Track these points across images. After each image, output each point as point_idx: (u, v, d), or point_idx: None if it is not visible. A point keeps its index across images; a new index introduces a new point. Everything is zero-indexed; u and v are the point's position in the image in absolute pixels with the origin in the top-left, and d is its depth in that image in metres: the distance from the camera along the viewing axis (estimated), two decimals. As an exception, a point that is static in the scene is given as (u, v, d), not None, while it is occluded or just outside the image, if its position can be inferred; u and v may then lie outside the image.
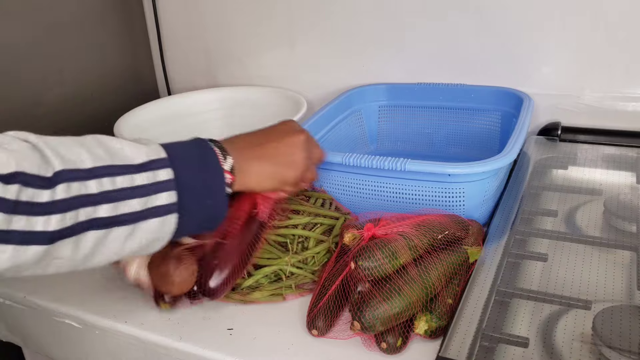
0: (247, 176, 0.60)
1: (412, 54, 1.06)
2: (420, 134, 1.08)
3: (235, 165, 0.58)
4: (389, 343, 0.59)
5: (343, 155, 0.77)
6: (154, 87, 1.35)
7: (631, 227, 0.73)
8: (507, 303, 0.62)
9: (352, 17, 1.08)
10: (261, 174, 0.62)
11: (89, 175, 0.47)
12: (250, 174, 0.60)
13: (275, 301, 0.70)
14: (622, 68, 0.93)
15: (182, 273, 0.62)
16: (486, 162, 0.72)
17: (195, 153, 0.56)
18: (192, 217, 0.54)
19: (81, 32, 1.13)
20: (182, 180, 0.52)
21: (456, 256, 0.66)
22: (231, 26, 1.21)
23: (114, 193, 0.48)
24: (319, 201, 0.82)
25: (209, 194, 0.55)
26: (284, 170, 0.64)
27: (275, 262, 0.71)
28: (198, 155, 0.56)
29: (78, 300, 0.73)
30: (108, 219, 0.48)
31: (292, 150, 0.65)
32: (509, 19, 0.97)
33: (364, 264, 0.61)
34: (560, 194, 0.83)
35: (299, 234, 0.74)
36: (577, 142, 0.97)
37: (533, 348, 0.55)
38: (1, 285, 0.78)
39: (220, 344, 0.64)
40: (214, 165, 0.56)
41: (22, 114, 1.02)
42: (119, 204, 0.48)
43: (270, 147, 0.63)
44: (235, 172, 0.58)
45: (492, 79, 1.01)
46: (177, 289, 0.63)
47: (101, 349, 0.72)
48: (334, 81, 1.14)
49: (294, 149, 0.65)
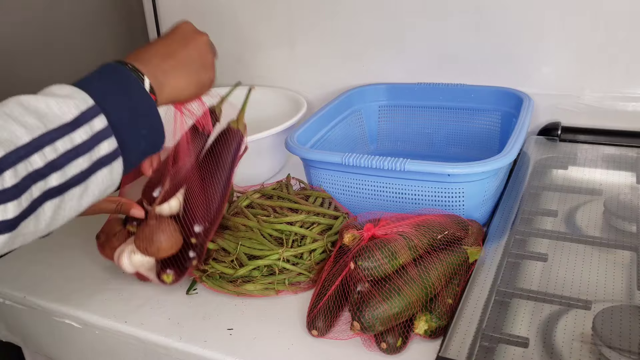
0: (167, 90, 0.60)
1: (412, 54, 1.06)
2: (420, 134, 1.08)
3: (153, 83, 0.57)
4: (389, 343, 0.59)
5: (343, 155, 0.77)
6: (154, 87, 1.35)
7: (631, 227, 0.73)
8: (507, 303, 0.62)
9: (352, 17, 1.08)
10: (179, 84, 0.62)
11: (30, 150, 0.46)
12: (169, 87, 0.60)
13: (268, 295, 0.70)
14: (622, 68, 0.93)
15: (165, 233, 0.64)
16: (486, 162, 0.72)
17: (117, 87, 0.55)
18: (135, 151, 0.55)
19: (81, 32, 1.13)
20: (115, 120, 0.52)
21: (456, 256, 0.66)
22: (231, 26, 1.21)
23: (59, 160, 0.48)
24: (319, 200, 0.82)
25: (144, 122, 0.55)
26: (200, 75, 0.64)
27: (268, 255, 0.71)
28: (120, 88, 0.55)
29: (78, 300, 0.73)
30: (60, 186, 0.48)
31: (201, 52, 0.65)
32: (509, 19, 0.97)
33: (364, 264, 0.61)
34: (560, 194, 0.83)
35: (295, 231, 0.74)
36: (577, 142, 0.97)
37: (533, 348, 0.55)
38: (1, 286, 0.78)
39: (220, 344, 0.64)
40: (139, 92, 0.56)
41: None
42: (66, 169, 0.48)
43: (181, 55, 0.62)
44: (155, 90, 0.58)
45: (492, 79, 1.01)
46: (165, 250, 0.65)
47: (101, 349, 0.72)
48: (334, 81, 1.14)
49: (203, 51, 0.65)
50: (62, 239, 0.89)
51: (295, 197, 0.81)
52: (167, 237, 0.65)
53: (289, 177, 0.88)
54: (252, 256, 0.72)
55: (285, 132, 0.92)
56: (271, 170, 1.01)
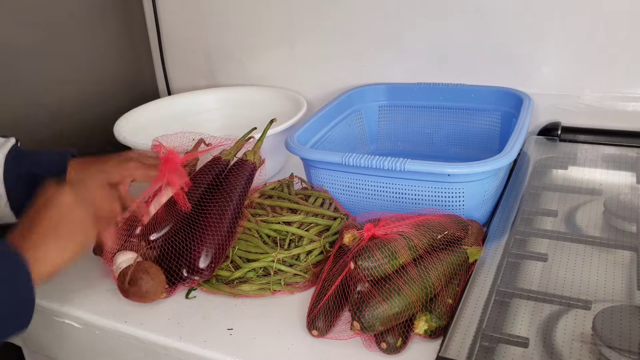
0: (42, 266, 0.57)
1: (412, 54, 1.06)
2: (420, 134, 1.08)
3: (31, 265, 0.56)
4: (389, 343, 0.59)
5: (343, 155, 0.77)
6: (154, 87, 1.35)
7: (631, 227, 0.73)
8: (507, 303, 0.62)
9: (352, 17, 1.08)
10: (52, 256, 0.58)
11: None
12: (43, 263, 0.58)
13: (263, 295, 0.70)
14: (622, 68, 0.93)
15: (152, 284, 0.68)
16: (486, 162, 0.72)
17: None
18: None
19: (81, 32, 1.13)
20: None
21: (456, 256, 0.66)
22: (231, 26, 1.21)
23: None
24: (319, 200, 0.82)
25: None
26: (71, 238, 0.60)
27: (263, 257, 0.72)
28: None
29: (78, 300, 0.73)
30: None
31: (65, 216, 0.60)
32: (509, 19, 0.97)
33: (364, 264, 0.61)
34: (560, 194, 0.83)
35: (292, 232, 0.74)
36: (577, 142, 0.97)
37: (533, 348, 0.55)
38: (1, 285, 0.78)
39: (220, 344, 0.64)
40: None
41: (22, 115, 1.02)
42: None
43: (45, 224, 0.58)
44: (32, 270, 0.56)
45: (492, 79, 1.01)
46: (152, 297, 0.69)
47: (101, 349, 0.72)
48: (334, 81, 1.14)
49: (67, 214, 0.60)
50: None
51: (295, 197, 0.81)
52: (154, 291, 0.69)
53: (292, 176, 0.88)
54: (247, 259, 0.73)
55: (285, 132, 0.92)
56: (271, 170, 1.01)
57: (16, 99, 1.01)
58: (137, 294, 0.68)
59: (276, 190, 0.84)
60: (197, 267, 0.69)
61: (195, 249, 0.69)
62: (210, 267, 0.69)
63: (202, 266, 0.69)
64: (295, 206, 0.79)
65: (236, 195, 0.73)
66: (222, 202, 0.72)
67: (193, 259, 0.69)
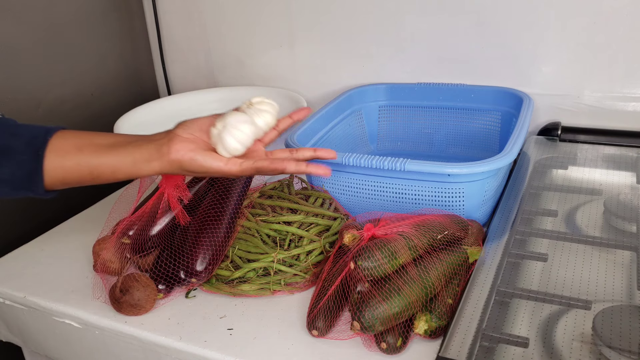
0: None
1: (412, 54, 1.06)
2: (420, 134, 1.08)
3: None
4: (389, 343, 0.59)
5: (343, 155, 0.77)
6: (154, 87, 1.35)
7: (631, 227, 0.73)
8: (507, 303, 0.62)
9: (352, 17, 1.08)
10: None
11: None
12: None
13: (263, 295, 0.70)
14: (622, 68, 0.93)
15: (144, 291, 0.69)
16: (486, 162, 0.72)
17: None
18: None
19: (81, 32, 1.13)
20: None
21: (456, 256, 0.66)
22: (231, 26, 1.21)
23: None
24: (319, 201, 0.82)
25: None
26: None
27: (263, 257, 0.72)
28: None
29: (78, 301, 0.73)
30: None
31: None
32: (509, 19, 0.97)
33: (364, 264, 0.61)
34: (560, 194, 0.83)
35: (292, 232, 0.74)
36: (577, 142, 0.97)
37: (533, 348, 0.55)
38: (1, 286, 0.78)
39: (220, 344, 0.64)
40: None
41: (22, 115, 1.02)
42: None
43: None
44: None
45: (492, 79, 1.01)
46: (145, 306, 0.69)
47: (101, 349, 0.72)
48: (334, 81, 1.14)
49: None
50: (62, 239, 0.89)
51: (295, 197, 0.81)
52: (145, 302, 0.69)
53: (292, 176, 0.88)
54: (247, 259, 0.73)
55: (285, 132, 0.92)
56: (271, 170, 1.01)
57: (16, 99, 1.01)
58: (129, 303, 0.68)
59: (276, 190, 0.84)
60: (194, 270, 0.69)
61: (192, 252, 0.69)
62: (207, 270, 0.69)
63: (199, 269, 0.69)
64: (295, 206, 0.79)
65: (234, 196, 0.73)
66: (219, 204, 0.72)
67: (190, 262, 0.69)
